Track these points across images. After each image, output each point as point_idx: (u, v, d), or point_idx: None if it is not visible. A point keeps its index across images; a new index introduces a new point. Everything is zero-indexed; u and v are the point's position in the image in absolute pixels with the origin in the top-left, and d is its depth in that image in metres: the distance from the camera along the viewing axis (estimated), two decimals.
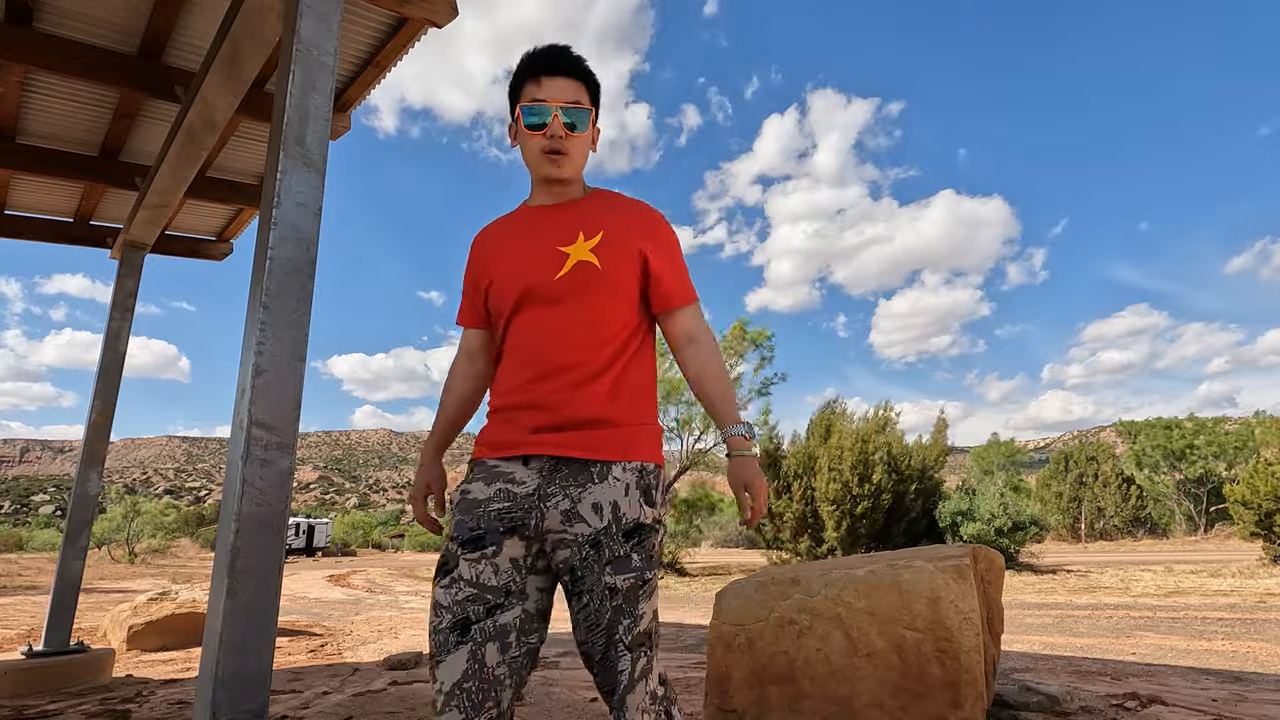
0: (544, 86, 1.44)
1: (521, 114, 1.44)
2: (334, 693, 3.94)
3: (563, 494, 1.32)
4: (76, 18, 3.26)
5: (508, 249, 1.46)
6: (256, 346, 1.88)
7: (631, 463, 1.35)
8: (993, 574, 2.97)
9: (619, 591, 1.30)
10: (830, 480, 15.76)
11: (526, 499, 1.33)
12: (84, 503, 4.45)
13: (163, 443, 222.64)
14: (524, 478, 1.35)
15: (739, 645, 2.83)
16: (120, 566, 26.09)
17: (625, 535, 1.32)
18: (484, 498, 1.35)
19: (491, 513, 1.33)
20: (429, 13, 2.93)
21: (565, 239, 1.42)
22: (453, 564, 1.32)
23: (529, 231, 1.46)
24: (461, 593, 1.28)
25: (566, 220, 1.45)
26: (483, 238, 1.55)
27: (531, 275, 1.40)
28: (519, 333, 1.41)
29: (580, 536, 1.30)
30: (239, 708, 1.70)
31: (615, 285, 1.41)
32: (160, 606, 6.49)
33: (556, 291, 1.39)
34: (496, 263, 1.46)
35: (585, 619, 1.31)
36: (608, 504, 1.31)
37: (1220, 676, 4.34)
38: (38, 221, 5.18)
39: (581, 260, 1.39)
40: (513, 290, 1.41)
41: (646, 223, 1.49)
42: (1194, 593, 10.45)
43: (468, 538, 1.32)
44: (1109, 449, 33.85)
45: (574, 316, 1.39)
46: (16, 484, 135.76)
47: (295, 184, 2.01)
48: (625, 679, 1.31)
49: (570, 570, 1.31)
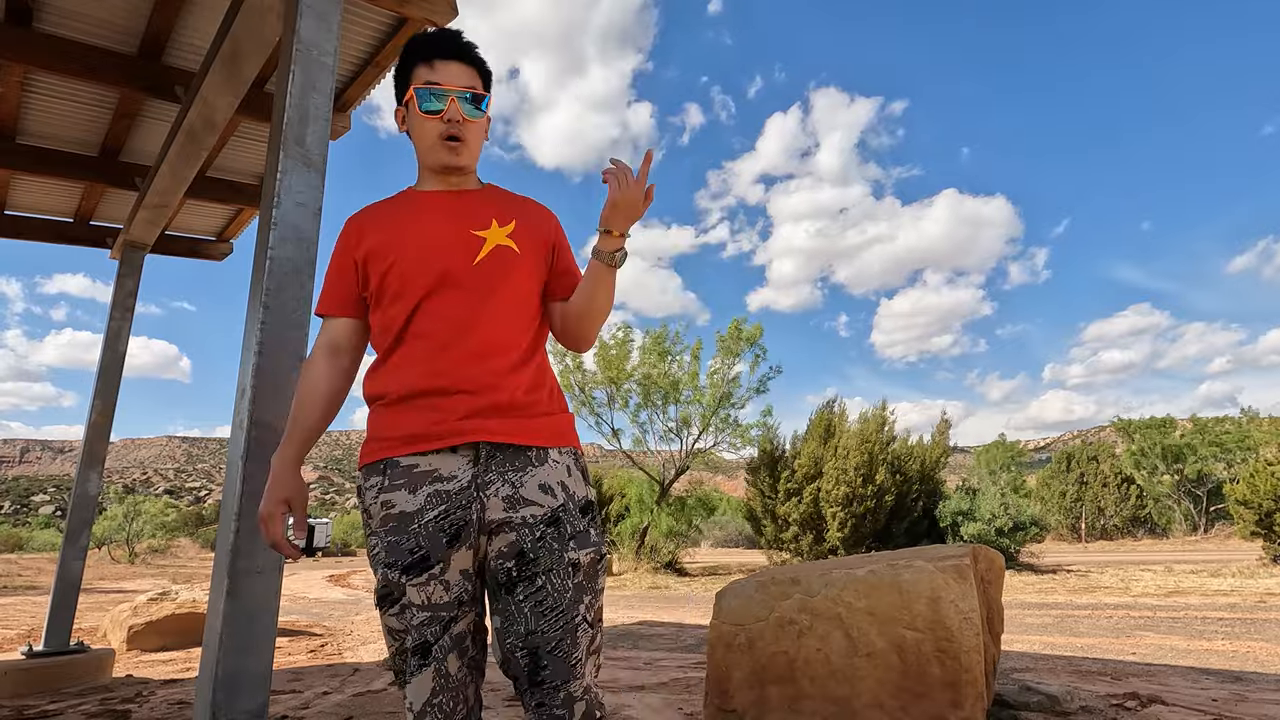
0: (438, 70, 1.39)
1: (416, 97, 1.38)
2: (334, 693, 3.94)
3: (501, 480, 1.26)
4: (76, 18, 3.26)
5: (412, 231, 1.36)
6: (257, 346, 1.88)
7: (566, 447, 1.34)
8: (993, 574, 2.97)
9: (581, 568, 1.26)
10: (837, 481, 15.78)
11: (461, 494, 1.24)
12: (84, 503, 4.45)
13: (162, 443, 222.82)
14: (453, 470, 1.25)
15: (739, 645, 2.83)
16: (120, 566, 26.09)
17: (580, 510, 1.29)
18: (414, 509, 1.24)
19: (428, 525, 1.23)
20: (429, 12, 2.93)
21: (478, 224, 1.37)
22: (399, 592, 1.23)
23: (434, 215, 1.39)
24: (416, 618, 1.23)
25: (475, 206, 1.41)
26: (366, 220, 1.42)
27: (447, 258, 1.33)
28: (433, 317, 1.30)
29: (531, 518, 1.25)
30: (239, 708, 1.70)
31: (532, 271, 1.39)
32: (160, 607, 6.49)
33: (477, 275, 1.33)
34: (397, 245, 1.35)
35: (539, 604, 1.23)
36: (555, 484, 1.28)
37: (1220, 676, 4.34)
38: (38, 221, 5.18)
39: (500, 245, 1.36)
40: (425, 273, 1.32)
41: (552, 220, 1.49)
42: (1194, 592, 10.45)
43: (409, 562, 1.22)
44: (1109, 448, 33.85)
45: (497, 300, 1.33)
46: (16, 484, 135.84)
47: (295, 184, 2.01)
48: (580, 658, 1.24)
49: (518, 555, 1.24)
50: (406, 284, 1.32)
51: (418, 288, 1.32)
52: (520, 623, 1.23)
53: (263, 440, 1.85)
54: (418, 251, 1.33)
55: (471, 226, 1.37)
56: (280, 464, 1.34)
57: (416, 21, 3.15)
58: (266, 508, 1.32)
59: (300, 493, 1.34)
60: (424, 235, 1.35)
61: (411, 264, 1.32)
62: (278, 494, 1.32)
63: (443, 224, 1.37)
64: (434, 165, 1.42)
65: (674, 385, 19.24)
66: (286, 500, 1.32)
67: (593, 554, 1.28)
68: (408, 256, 1.33)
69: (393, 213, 1.41)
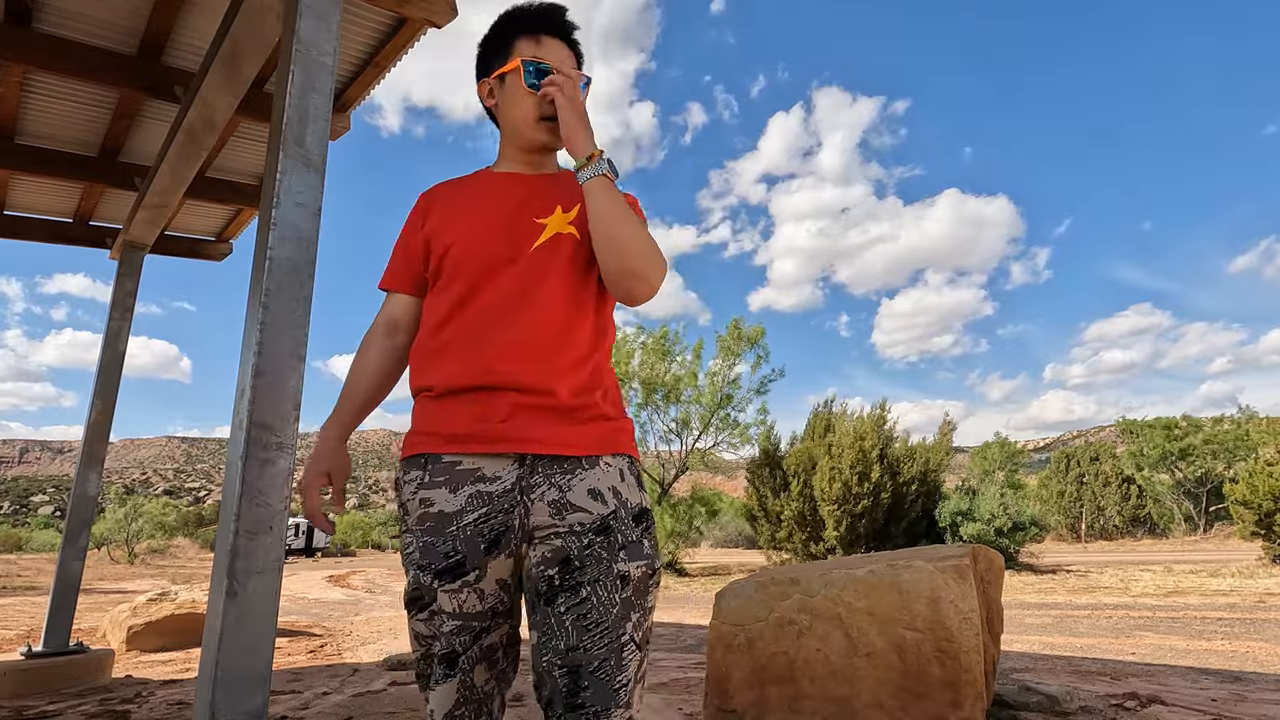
0: (545, 47, 1.32)
1: (523, 70, 1.29)
2: (334, 693, 3.94)
3: (548, 483, 1.16)
4: (76, 18, 3.26)
5: (474, 213, 1.30)
6: (256, 346, 1.88)
7: (620, 454, 1.24)
8: (992, 574, 2.97)
9: (630, 581, 1.14)
10: (831, 479, 15.77)
11: (504, 496, 1.16)
12: (83, 503, 4.44)
13: (162, 443, 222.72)
14: (497, 471, 1.17)
15: (739, 645, 2.83)
16: (120, 567, 26.08)
17: (634, 519, 1.19)
18: (453, 510, 1.16)
19: (467, 528, 1.15)
20: (428, 13, 2.93)
21: (541, 211, 1.29)
22: (430, 597, 1.16)
23: (500, 198, 1.32)
24: (445, 625, 1.16)
25: (542, 192, 1.32)
26: (435, 196, 1.37)
27: (504, 243, 1.25)
28: (481, 306, 1.22)
29: (580, 525, 1.15)
30: (238, 708, 1.69)
31: (593, 258, 1.27)
32: (159, 607, 6.49)
33: (531, 264, 1.24)
34: (457, 225, 1.29)
35: (582, 617, 1.11)
36: (606, 489, 1.18)
37: (1220, 676, 4.34)
38: (37, 222, 5.17)
39: (561, 233, 1.27)
40: (478, 257, 1.24)
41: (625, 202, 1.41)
42: (1193, 592, 10.45)
43: (444, 566, 1.15)
44: (1110, 448, 33.88)
45: (550, 291, 1.23)
46: (16, 484, 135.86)
47: (295, 184, 2.01)
48: (625, 682, 1.12)
49: (562, 562, 1.13)
50: (459, 268, 1.25)
51: (468, 273, 1.24)
52: (560, 638, 1.12)
53: (262, 441, 1.85)
54: (473, 235, 1.27)
55: (534, 213, 1.29)
56: (324, 436, 1.31)
57: (416, 22, 3.15)
58: (306, 478, 1.28)
59: (343, 466, 1.31)
60: (481, 219, 1.29)
61: (465, 248, 1.26)
62: (319, 465, 1.29)
63: (504, 208, 1.30)
64: (528, 144, 1.34)
65: (675, 385, 19.24)
66: (327, 472, 1.29)
67: (644, 568, 1.17)
68: (463, 239, 1.27)
69: (459, 192, 1.36)
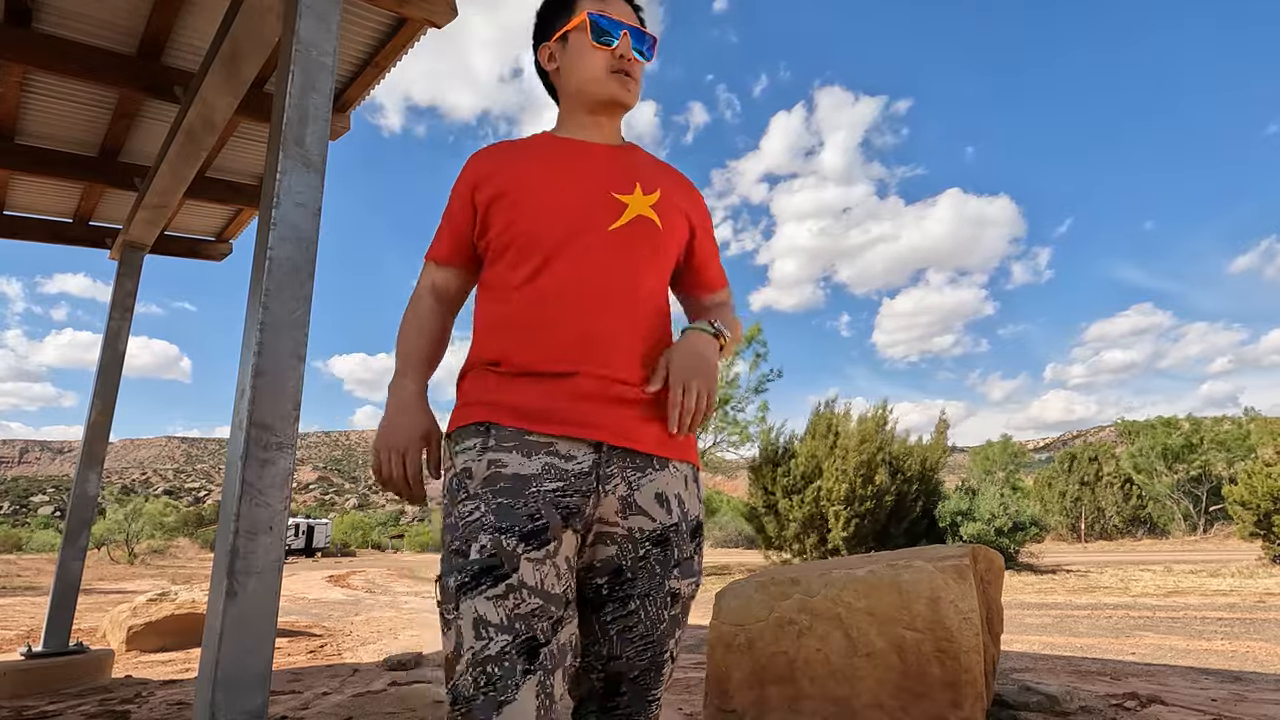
0: (610, 4, 1.24)
1: (590, 24, 1.21)
2: (334, 693, 3.94)
3: (620, 477, 1.07)
4: (76, 18, 3.26)
5: (545, 180, 1.17)
6: (256, 346, 1.88)
7: (686, 461, 1.16)
8: (992, 574, 2.97)
9: (680, 599, 1.10)
10: (838, 481, 15.79)
11: (581, 479, 1.04)
12: (83, 503, 4.44)
13: (162, 443, 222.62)
14: (572, 451, 1.05)
15: (739, 645, 2.83)
16: (119, 567, 26.08)
17: (691, 533, 1.13)
18: (530, 473, 1.02)
19: (546, 495, 1.01)
20: (428, 13, 2.93)
21: (620, 186, 1.18)
22: (510, 565, 0.96)
23: (574, 165, 1.20)
24: (526, 604, 0.96)
25: (617, 165, 1.22)
26: (496, 159, 1.22)
27: (582, 218, 1.14)
28: (560, 285, 1.11)
29: (638, 532, 1.08)
30: (238, 708, 1.69)
31: (670, 251, 1.22)
32: (159, 607, 6.49)
33: (612, 245, 1.14)
34: (525, 196, 1.16)
35: (628, 630, 1.07)
36: (673, 495, 1.11)
37: (1220, 676, 4.34)
38: (36, 222, 5.17)
39: (642, 215, 1.17)
40: (554, 231, 1.13)
41: (695, 196, 1.31)
42: (1193, 592, 10.46)
43: (530, 529, 0.99)
44: (1110, 448, 33.91)
45: (631, 277, 1.14)
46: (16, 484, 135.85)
47: (295, 184, 2.01)
48: (660, 694, 1.11)
49: (613, 573, 1.07)
50: (533, 242, 1.13)
51: (542, 248, 1.12)
52: (603, 645, 1.08)
53: (262, 441, 1.85)
54: (550, 205, 1.15)
55: (613, 187, 1.18)
56: (408, 395, 1.16)
57: (416, 22, 3.15)
58: (402, 438, 1.12)
59: (437, 429, 1.16)
60: (559, 187, 1.16)
61: (537, 220, 1.14)
62: (416, 426, 1.13)
63: (582, 178, 1.18)
64: (599, 98, 1.23)
65: None
66: (425, 434, 1.14)
67: (693, 586, 1.13)
68: (534, 210, 1.14)
69: (523, 155, 1.22)
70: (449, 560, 1.00)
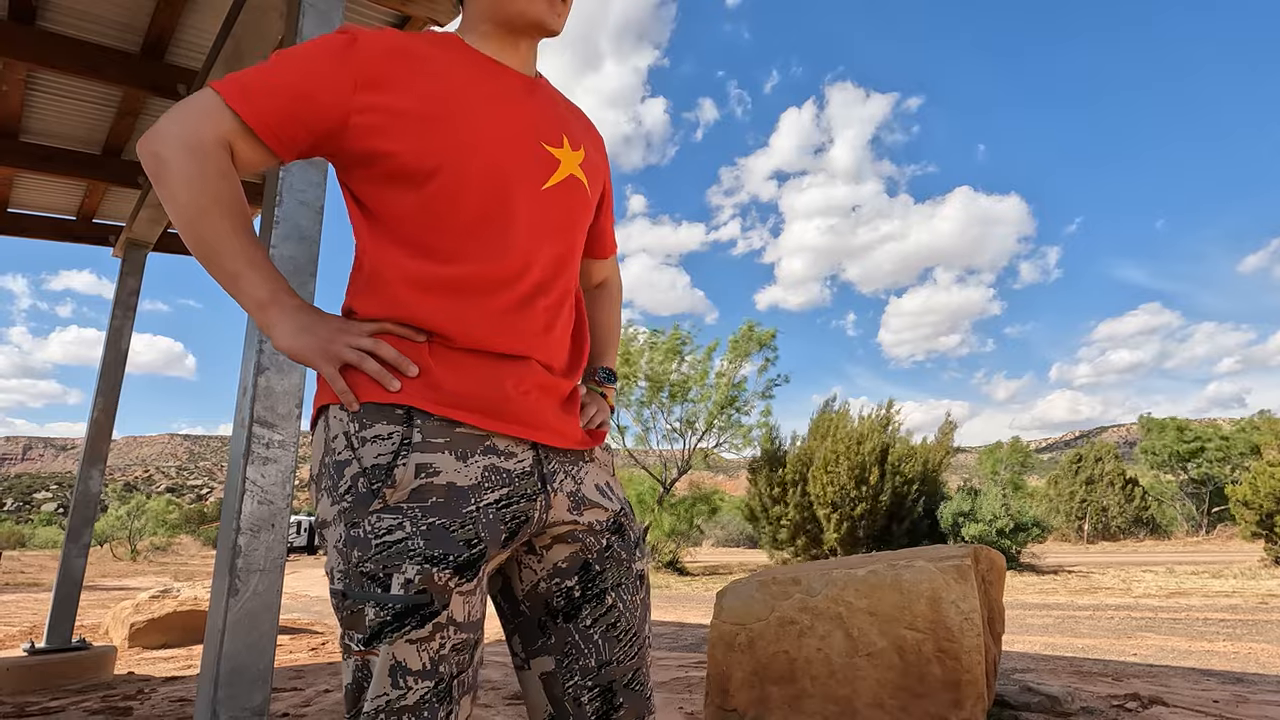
0: None
1: None
2: (335, 690, 3.95)
3: (563, 472, 0.97)
4: (79, 16, 3.26)
5: (469, 108, 0.93)
6: (259, 344, 1.88)
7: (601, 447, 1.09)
8: (994, 574, 2.97)
9: (645, 581, 1.04)
10: (826, 483, 15.77)
11: (525, 480, 0.92)
12: (86, 500, 4.46)
13: (165, 440, 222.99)
14: (512, 448, 0.92)
15: (740, 645, 2.83)
16: (122, 564, 26.16)
17: (631, 513, 1.07)
18: (468, 484, 0.87)
19: (489, 510, 0.88)
20: (431, 11, 2.94)
21: (548, 135, 0.99)
22: (440, 603, 0.83)
23: (499, 97, 0.97)
24: (450, 641, 0.84)
25: (542, 107, 1.02)
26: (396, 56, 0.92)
27: (517, 166, 0.95)
28: (507, 247, 0.92)
29: (597, 524, 0.99)
30: (240, 705, 1.70)
31: (590, 220, 1.08)
32: (162, 604, 6.51)
33: (545, 206, 0.97)
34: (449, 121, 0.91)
35: (612, 627, 0.98)
36: (605, 484, 1.04)
37: (1222, 678, 4.34)
38: (41, 219, 5.19)
39: (573, 175, 1.01)
40: (489, 178, 0.92)
41: (603, 148, 1.15)
42: (1196, 594, 10.44)
43: (465, 558, 0.85)
44: (1113, 449, 33.85)
45: (565, 247, 1.01)
46: (19, 481, 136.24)
47: (298, 182, 2.01)
48: (652, 688, 1.03)
49: (581, 570, 0.98)
50: (463, 186, 0.91)
51: (478, 197, 0.92)
52: (590, 654, 0.97)
53: (264, 439, 1.85)
54: (478, 144, 0.92)
55: (542, 136, 0.98)
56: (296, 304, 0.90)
57: (420, 20, 3.15)
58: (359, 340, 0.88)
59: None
60: (489, 122, 0.94)
61: (469, 160, 0.91)
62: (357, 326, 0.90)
63: (510, 117, 0.96)
64: (525, 17, 0.99)
65: (682, 384, 19.29)
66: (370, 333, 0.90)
67: (647, 565, 1.09)
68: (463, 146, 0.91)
69: (443, 68, 0.95)
70: (360, 584, 0.83)
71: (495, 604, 1.02)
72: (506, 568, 1.00)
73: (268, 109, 0.87)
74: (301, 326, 0.88)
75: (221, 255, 0.87)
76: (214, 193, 0.86)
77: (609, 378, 1.19)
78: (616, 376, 1.22)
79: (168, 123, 0.86)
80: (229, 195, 0.87)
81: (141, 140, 0.87)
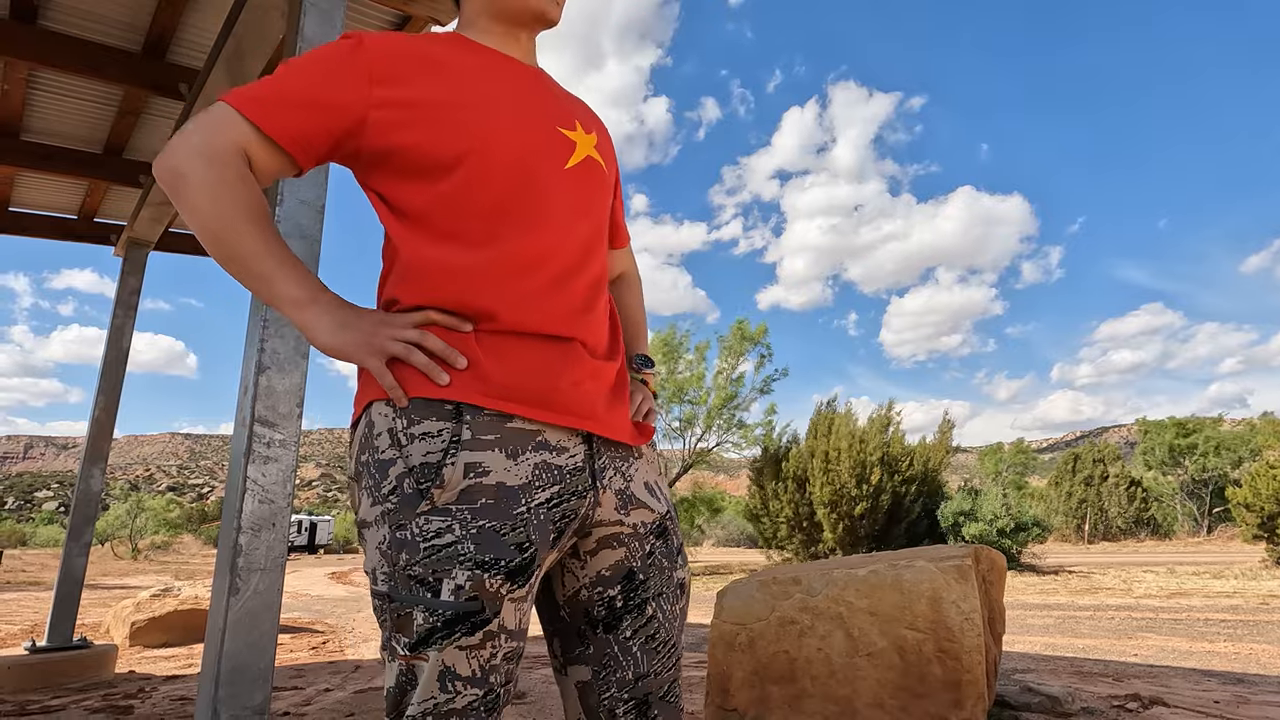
0: None
1: None
2: (336, 690, 3.95)
3: (613, 468, 0.94)
4: (81, 15, 3.27)
5: (484, 93, 0.93)
6: (259, 343, 1.88)
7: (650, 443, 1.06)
8: (994, 574, 2.97)
9: (685, 590, 1.01)
10: (825, 483, 15.78)
11: (577, 475, 0.89)
12: (87, 499, 4.46)
13: (166, 439, 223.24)
14: (564, 442, 0.89)
15: (740, 644, 2.83)
16: (123, 563, 26.19)
17: (675, 518, 1.04)
18: (518, 484, 0.84)
19: (540, 510, 0.85)
20: (432, 10, 2.94)
21: (563, 120, 0.99)
22: (492, 609, 0.81)
23: (510, 83, 0.97)
24: (501, 650, 0.83)
25: (551, 94, 1.02)
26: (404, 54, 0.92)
27: (539, 147, 0.94)
28: (538, 231, 0.91)
29: (641, 527, 0.95)
30: (241, 704, 1.70)
31: (611, 202, 1.08)
32: (163, 603, 6.52)
33: (568, 188, 0.95)
34: (466, 106, 0.91)
35: (651, 639, 0.95)
36: (655, 482, 1.00)
37: (1223, 678, 4.33)
38: (42, 218, 5.19)
39: (591, 157, 1.00)
40: (515, 160, 0.91)
41: (612, 141, 1.13)
42: (1196, 594, 10.43)
43: (517, 563, 0.83)
44: (1114, 449, 33.85)
45: (592, 229, 0.98)
46: (20, 480, 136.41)
47: (299, 181, 2.01)
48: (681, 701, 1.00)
49: (624, 579, 0.94)
50: (489, 170, 0.90)
51: (505, 179, 0.90)
52: (628, 666, 0.94)
53: (265, 438, 1.85)
54: (497, 127, 0.91)
55: (557, 120, 0.98)
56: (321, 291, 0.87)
57: (421, 20, 3.15)
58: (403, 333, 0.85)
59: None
60: (506, 107, 0.94)
61: (492, 142, 0.90)
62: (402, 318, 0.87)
63: (524, 102, 0.96)
64: (526, 9, 1.01)
65: (680, 386, 19.30)
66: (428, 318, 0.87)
67: (688, 573, 1.04)
68: (483, 129, 0.90)
69: (452, 60, 0.95)
70: (409, 588, 0.81)
71: (535, 605, 1.00)
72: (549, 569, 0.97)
73: (284, 116, 0.87)
74: (342, 323, 0.86)
75: (250, 259, 0.85)
76: (236, 198, 0.84)
77: (646, 363, 1.16)
78: (654, 362, 1.19)
79: (181, 138, 0.85)
80: (252, 199, 0.85)
81: (157, 161, 0.87)
